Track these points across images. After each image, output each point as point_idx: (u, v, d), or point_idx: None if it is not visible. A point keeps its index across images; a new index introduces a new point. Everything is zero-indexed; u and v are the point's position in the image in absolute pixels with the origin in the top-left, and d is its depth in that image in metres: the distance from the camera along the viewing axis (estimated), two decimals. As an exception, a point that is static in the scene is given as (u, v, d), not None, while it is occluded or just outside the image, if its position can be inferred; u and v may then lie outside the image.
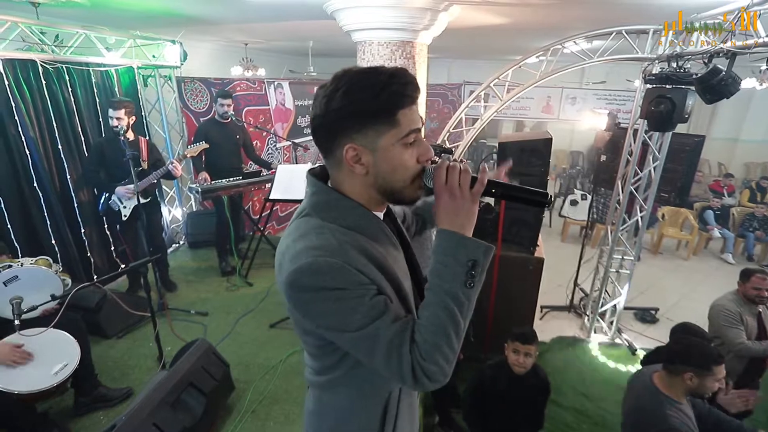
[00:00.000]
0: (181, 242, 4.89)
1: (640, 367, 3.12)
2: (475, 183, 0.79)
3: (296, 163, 4.35)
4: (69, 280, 2.36)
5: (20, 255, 2.90)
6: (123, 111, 3.13)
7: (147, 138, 3.75)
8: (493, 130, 10.42)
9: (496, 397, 2.01)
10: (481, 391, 2.06)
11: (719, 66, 2.23)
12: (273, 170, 3.97)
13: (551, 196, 0.86)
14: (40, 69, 3.11)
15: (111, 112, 3.13)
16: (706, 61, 2.31)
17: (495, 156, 8.83)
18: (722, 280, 4.92)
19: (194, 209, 5.04)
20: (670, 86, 2.65)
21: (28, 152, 3.04)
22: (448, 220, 0.79)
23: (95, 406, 2.38)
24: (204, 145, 3.53)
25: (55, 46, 3.32)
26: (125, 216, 3.31)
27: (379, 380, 0.90)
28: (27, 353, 1.99)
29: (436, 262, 0.79)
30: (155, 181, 3.32)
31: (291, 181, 3.36)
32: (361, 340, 0.77)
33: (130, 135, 3.21)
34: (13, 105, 2.92)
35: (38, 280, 2.16)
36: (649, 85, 2.84)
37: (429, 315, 0.78)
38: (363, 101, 0.76)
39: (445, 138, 3.69)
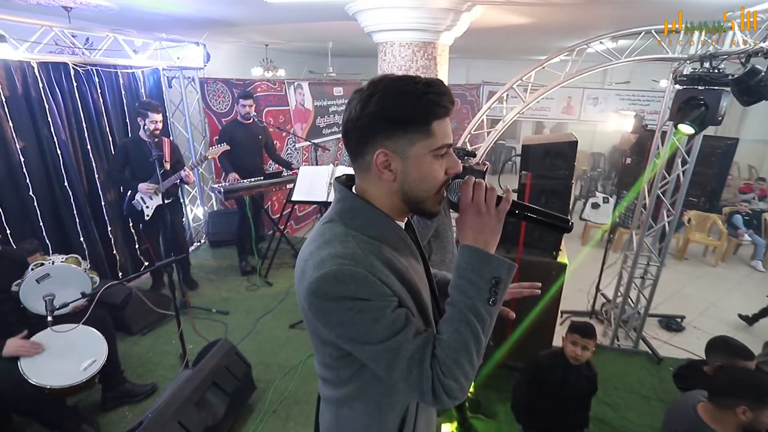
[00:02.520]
0: (202, 241, 4.97)
1: (665, 377, 3.04)
2: (501, 201, 0.80)
3: (316, 163, 4.37)
4: (97, 278, 2.43)
5: (51, 252, 3.00)
6: (161, 114, 3.26)
7: (170, 139, 3.83)
8: (511, 132, 10.30)
9: (551, 387, 2.02)
10: (538, 380, 2.07)
11: (758, 66, 2.15)
12: (294, 170, 4.00)
13: (572, 222, 0.87)
14: (72, 71, 3.21)
15: (152, 115, 3.20)
16: (743, 61, 2.22)
17: (514, 158, 8.73)
18: (752, 288, 4.75)
19: (215, 208, 5.13)
20: (703, 87, 2.56)
21: (59, 153, 3.13)
22: (473, 236, 0.80)
23: (121, 401, 2.44)
24: (225, 147, 3.58)
25: (86, 49, 3.41)
26: (148, 216, 3.39)
27: (397, 394, 0.90)
28: (36, 345, 2.04)
29: (459, 278, 0.79)
30: (177, 182, 3.39)
31: (313, 183, 3.38)
32: (381, 353, 0.76)
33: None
34: (47, 107, 3.02)
35: (68, 277, 2.22)
36: (679, 86, 2.75)
37: (452, 331, 0.77)
38: (398, 107, 0.76)
39: (466, 140, 3.65)
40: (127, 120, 3.81)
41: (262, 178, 3.94)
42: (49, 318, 2.00)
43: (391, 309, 0.76)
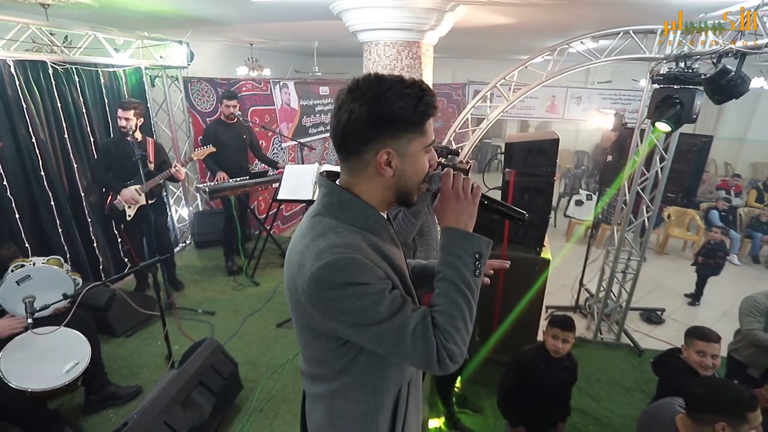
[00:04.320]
0: (188, 242, 4.92)
1: (646, 368, 3.12)
2: (474, 188, 0.92)
3: (302, 162, 4.36)
4: (80, 280, 2.39)
5: (30, 254, 2.94)
6: (132, 112, 3.15)
7: (154, 138, 3.77)
8: (497, 130, 10.40)
9: (535, 380, 2.06)
10: (523, 373, 2.11)
11: (728, 66, 2.22)
12: (280, 169, 3.99)
13: (527, 216, 1.00)
14: (50, 70, 3.14)
15: (120, 112, 3.15)
16: (715, 61, 2.29)
17: (499, 156, 8.84)
18: (728, 281, 4.89)
19: (200, 209, 5.07)
20: (678, 86, 2.64)
21: (38, 152, 3.06)
22: (455, 219, 0.90)
23: (105, 404, 2.41)
24: (211, 148, 3.54)
25: (65, 47, 3.34)
26: (129, 216, 3.33)
27: (391, 375, 0.95)
28: (20, 319, 2.07)
29: (447, 255, 0.88)
30: (161, 182, 3.34)
31: (298, 182, 3.38)
32: (387, 332, 0.81)
33: (138, 135, 3.23)
34: (24, 106, 2.95)
35: (50, 279, 2.18)
36: (656, 85, 2.82)
37: (447, 301, 0.85)
38: (404, 109, 0.82)
39: (451, 138, 3.69)
40: (109, 119, 3.74)
41: (247, 177, 3.92)
42: (29, 320, 1.97)
43: (388, 290, 0.82)
